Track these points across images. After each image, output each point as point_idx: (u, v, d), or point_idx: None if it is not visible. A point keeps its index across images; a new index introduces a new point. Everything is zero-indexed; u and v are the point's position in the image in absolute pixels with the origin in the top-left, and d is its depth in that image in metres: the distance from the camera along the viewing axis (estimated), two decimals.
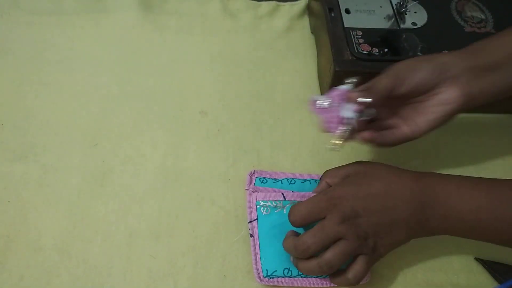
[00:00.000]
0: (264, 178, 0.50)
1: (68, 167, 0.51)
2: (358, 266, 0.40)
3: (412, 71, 0.41)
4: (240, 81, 0.61)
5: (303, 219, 0.40)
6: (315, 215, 0.40)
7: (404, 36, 0.56)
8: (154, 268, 0.45)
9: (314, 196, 0.42)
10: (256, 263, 0.45)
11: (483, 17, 0.60)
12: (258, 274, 0.44)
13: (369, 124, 0.44)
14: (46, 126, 0.54)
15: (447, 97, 0.41)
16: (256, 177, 0.50)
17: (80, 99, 0.57)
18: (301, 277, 0.44)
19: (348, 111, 0.40)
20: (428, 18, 0.59)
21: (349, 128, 0.40)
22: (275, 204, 0.46)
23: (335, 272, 0.42)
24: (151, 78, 0.60)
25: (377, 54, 0.54)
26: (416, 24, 0.58)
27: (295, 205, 0.41)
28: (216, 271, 0.46)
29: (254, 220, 0.47)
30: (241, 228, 0.48)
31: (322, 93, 0.60)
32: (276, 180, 0.50)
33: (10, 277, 0.44)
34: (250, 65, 0.63)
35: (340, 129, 0.40)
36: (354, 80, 0.42)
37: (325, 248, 0.39)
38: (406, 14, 0.59)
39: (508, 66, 0.41)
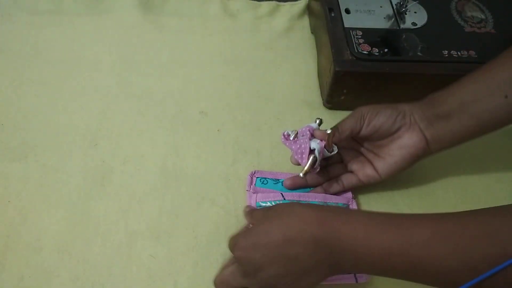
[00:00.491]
0: (265, 178, 0.50)
1: (68, 167, 0.51)
2: None
3: (376, 115, 0.44)
4: (240, 81, 0.61)
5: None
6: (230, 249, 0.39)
7: (404, 36, 0.56)
8: (154, 268, 0.45)
9: (235, 234, 0.40)
10: None
11: (483, 17, 0.60)
12: None
13: (333, 165, 0.49)
14: (46, 126, 0.54)
15: (406, 141, 0.45)
16: (257, 178, 0.50)
17: (80, 99, 0.57)
18: None
19: (314, 143, 0.44)
20: (428, 18, 0.59)
21: (315, 160, 0.44)
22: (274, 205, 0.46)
23: None
24: (151, 78, 0.60)
25: (377, 54, 0.54)
26: (416, 24, 0.58)
27: (217, 276, 0.41)
28: (216, 271, 0.46)
29: None
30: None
31: (322, 93, 0.60)
32: (277, 181, 0.50)
33: (10, 277, 0.44)
34: (250, 65, 0.63)
35: (307, 161, 0.44)
36: (320, 118, 0.47)
37: None
38: (406, 14, 0.59)
39: (460, 113, 0.43)
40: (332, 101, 0.58)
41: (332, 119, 0.56)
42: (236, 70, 0.62)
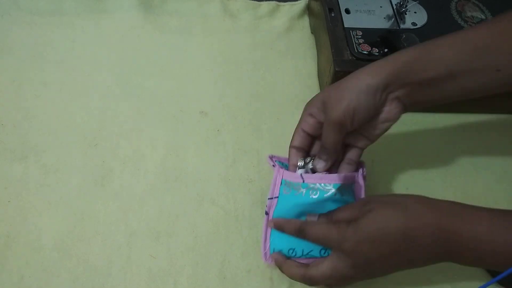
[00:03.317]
0: (284, 162, 0.48)
1: (68, 167, 0.51)
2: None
3: (354, 112, 0.40)
4: (240, 81, 0.61)
5: (317, 241, 0.40)
6: (326, 243, 0.40)
7: (404, 36, 0.56)
8: (154, 268, 0.45)
9: (335, 225, 0.39)
10: (265, 241, 0.45)
11: (483, 17, 0.59)
12: (265, 252, 0.44)
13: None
14: (46, 126, 0.54)
15: (387, 115, 0.42)
16: (276, 161, 0.48)
17: (80, 99, 0.57)
18: (305, 258, 0.44)
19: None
20: (428, 18, 0.59)
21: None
22: (296, 186, 0.45)
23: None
24: (151, 78, 0.60)
25: (377, 54, 0.54)
26: (416, 24, 0.58)
27: (311, 225, 0.40)
28: (216, 271, 0.46)
29: (274, 198, 0.45)
30: (241, 228, 0.48)
31: None
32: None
33: (10, 277, 0.44)
34: (250, 65, 0.63)
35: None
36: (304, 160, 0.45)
37: None
38: (406, 14, 0.59)
39: (446, 83, 0.40)
40: None
41: None
42: (236, 70, 0.62)
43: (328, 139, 0.42)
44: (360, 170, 0.46)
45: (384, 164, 0.55)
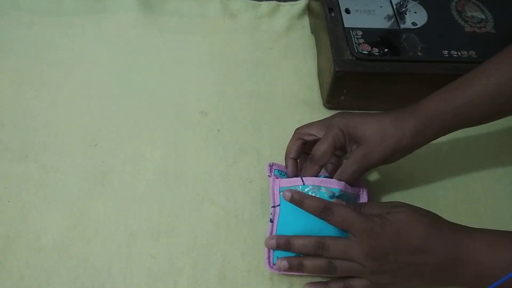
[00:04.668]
0: (282, 171, 0.50)
1: (68, 167, 0.51)
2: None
3: (393, 157, 0.45)
4: (240, 81, 0.61)
5: (341, 223, 0.41)
6: (350, 226, 0.40)
7: (404, 36, 0.56)
8: (154, 268, 0.45)
9: (365, 216, 0.41)
10: (269, 249, 0.45)
11: (483, 17, 0.59)
12: (269, 260, 0.45)
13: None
14: (46, 126, 0.54)
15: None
16: (275, 169, 0.50)
17: (80, 99, 0.57)
18: None
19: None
20: (428, 18, 0.59)
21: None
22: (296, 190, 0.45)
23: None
24: (151, 78, 0.60)
25: (377, 54, 0.54)
26: (416, 24, 0.58)
27: (340, 207, 0.41)
28: (216, 271, 0.46)
29: (277, 206, 0.46)
30: (241, 228, 0.48)
31: (322, 93, 0.60)
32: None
33: (10, 277, 0.44)
34: (250, 65, 0.63)
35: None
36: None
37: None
38: (406, 14, 0.59)
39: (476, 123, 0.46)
40: (332, 101, 0.58)
41: None
42: (236, 70, 0.62)
43: (351, 175, 0.45)
44: (365, 191, 0.48)
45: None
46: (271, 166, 0.50)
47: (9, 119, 0.55)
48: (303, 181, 0.45)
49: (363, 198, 0.47)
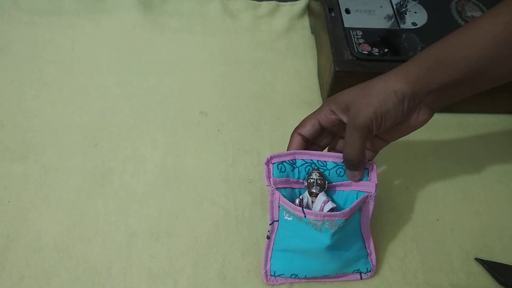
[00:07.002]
0: (282, 164, 0.44)
1: (68, 167, 0.51)
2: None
3: (382, 118, 0.40)
4: (240, 81, 0.61)
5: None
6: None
7: (404, 36, 0.56)
8: (154, 268, 0.45)
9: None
10: (266, 263, 0.45)
11: None
12: (266, 273, 0.45)
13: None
14: (46, 126, 0.54)
15: (415, 123, 0.42)
16: (273, 164, 0.44)
17: (80, 99, 0.57)
18: (306, 278, 0.45)
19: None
20: (428, 18, 0.59)
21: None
22: (298, 217, 0.43)
23: None
24: (151, 78, 0.60)
25: (377, 54, 0.54)
26: (416, 24, 0.58)
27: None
28: (216, 271, 0.46)
29: (275, 222, 0.44)
30: (241, 228, 0.48)
31: (322, 93, 0.60)
32: (293, 164, 0.45)
33: (10, 277, 0.44)
34: (250, 65, 0.63)
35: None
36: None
37: None
38: (406, 14, 0.59)
39: (475, 79, 0.39)
40: None
41: None
42: (236, 70, 0.62)
43: (353, 146, 0.41)
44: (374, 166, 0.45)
45: (384, 164, 0.55)
46: (268, 163, 0.44)
47: (9, 119, 0.55)
48: (304, 213, 0.41)
49: (373, 175, 0.45)
